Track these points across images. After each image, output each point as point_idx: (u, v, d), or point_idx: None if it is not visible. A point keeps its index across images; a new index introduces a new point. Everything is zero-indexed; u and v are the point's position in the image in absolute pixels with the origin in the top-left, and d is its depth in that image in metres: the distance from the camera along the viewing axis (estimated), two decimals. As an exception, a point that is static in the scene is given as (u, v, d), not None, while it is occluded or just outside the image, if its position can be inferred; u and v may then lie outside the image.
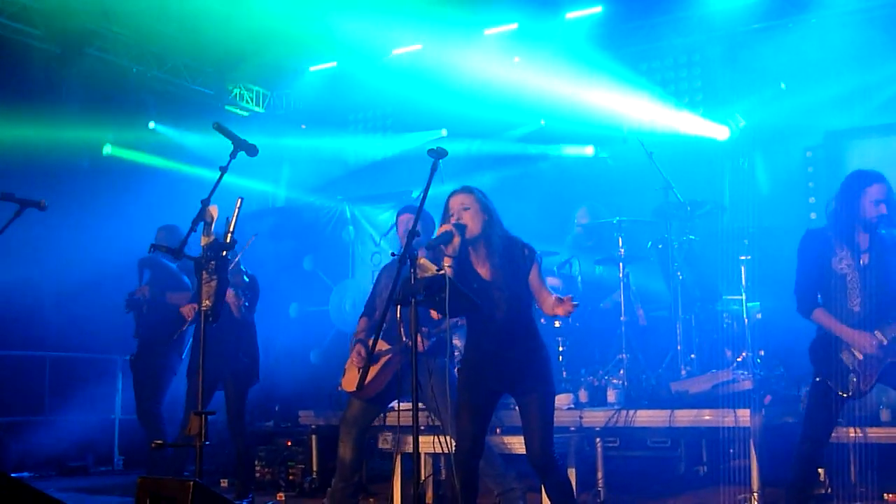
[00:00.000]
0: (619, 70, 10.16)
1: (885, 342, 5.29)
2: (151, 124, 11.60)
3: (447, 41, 10.96)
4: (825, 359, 5.39)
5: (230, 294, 6.89)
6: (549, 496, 5.05)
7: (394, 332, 5.95)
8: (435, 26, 10.67)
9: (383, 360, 6.25)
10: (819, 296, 5.46)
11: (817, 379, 5.41)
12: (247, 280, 7.12)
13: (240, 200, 4.74)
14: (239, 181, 10.10)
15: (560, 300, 4.75)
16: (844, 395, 5.31)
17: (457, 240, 4.82)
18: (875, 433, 6.33)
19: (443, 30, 10.80)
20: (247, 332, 7.21)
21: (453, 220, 4.89)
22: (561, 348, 7.78)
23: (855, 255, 5.40)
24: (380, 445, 7.22)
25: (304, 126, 12.88)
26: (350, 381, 6.36)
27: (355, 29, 10.73)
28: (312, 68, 12.38)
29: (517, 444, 6.75)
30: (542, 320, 7.18)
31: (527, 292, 4.93)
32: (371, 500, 7.28)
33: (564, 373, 7.70)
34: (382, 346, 6.24)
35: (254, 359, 7.27)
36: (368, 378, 6.20)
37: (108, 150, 11.17)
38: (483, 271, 4.94)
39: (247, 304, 7.03)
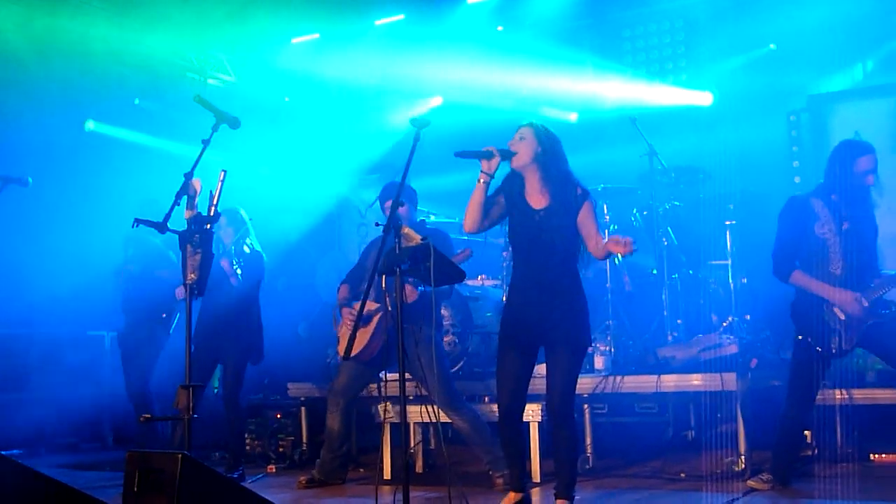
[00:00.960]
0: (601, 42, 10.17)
1: (866, 304, 5.38)
2: (136, 101, 11.49)
3: (429, 12, 10.93)
4: (807, 318, 5.50)
5: (223, 262, 6.88)
6: (557, 449, 5.07)
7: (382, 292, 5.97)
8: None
9: (374, 319, 6.27)
10: (797, 261, 5.56)
11: (799, 337, 5.50)
12: (247, 252, 7.08)
13: (223, 173, 4.72)
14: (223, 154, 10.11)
15: (617, 240, 4.70)
16: (826, 353, 5.40)
17: (495, 160, 4.94)
18: (861, 395, 6.39)
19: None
20: (246, 308, 7.16)
21: (508, 144, 5.01)
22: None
23: (837, 220, 5.50)
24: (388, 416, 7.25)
25: (287, 98, 12.80)
26: (353, 348, 6.35)
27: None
28: (295, 40, 12.30)
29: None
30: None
31: (575, 231, 4.97)
32: (361, 470, 7.32)
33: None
34: (372, 306, 6.24)
35: (256, 336, 7.21)
36: (362, 342, 6.24)
37: (90, 125, 11.07)
38: (534, 201, 5.01)
39: (241, 273, 6.97)
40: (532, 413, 6.37)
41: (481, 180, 4.95)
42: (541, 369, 5.24)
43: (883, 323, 5.41)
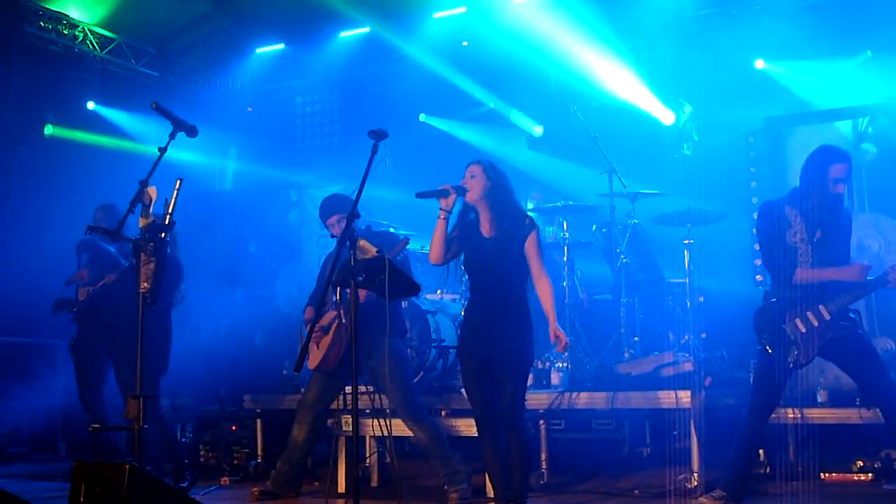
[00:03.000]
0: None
1: (827, 317, 5.42)
2: (91, 104, 11.42)
3: (395, 24, 10.97)
4: (769, 328, 5.54)
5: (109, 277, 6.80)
6: (510, 456, 5.28)
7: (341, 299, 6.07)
8: (383, 9, 10.69)
9: (333, 327, 6.21)
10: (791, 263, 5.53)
11: (758, 347, 5.55)
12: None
13: (179, 181, 4.68)
14: (189, 160, 10.06)
15: (559, 336, 5.35)
16: (783, 364, 5.45)
17: (452, 198, 5.30)
18: (813, 414, 6.44)
19: (390, 13, 10.82)
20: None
21: (461, 182, 5.37)
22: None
23: (809, 229, 5.51)
24: (343, 428, 7.22)
25: (250, 109, 12.77)
26: (313, 359, 6.34)
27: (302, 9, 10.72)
28: (259, 50, 12.30)
29: (463, 427, 6.78)
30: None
31: (521, 257, 5.32)
32: (315, 483, 7.26)
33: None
34: (331, 314, 6.22)
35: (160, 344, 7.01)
36: (321, 352, 6.22)
37: (49, 130, 10.97)
38: (485, 230, 5.38)
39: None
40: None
41: (441, 216, 5.32)
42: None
43: (844, 336, 5.43)
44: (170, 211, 4.60)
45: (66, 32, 11.21)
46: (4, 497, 4.25)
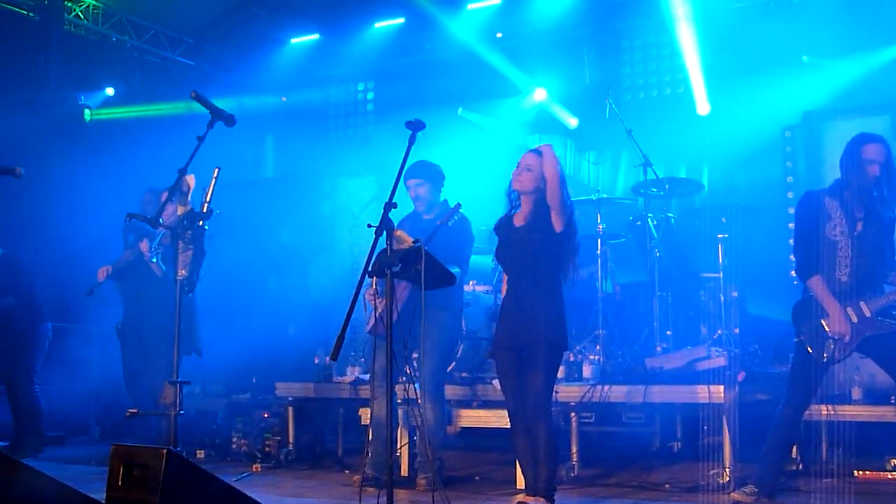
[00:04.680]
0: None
1: (868, 314, 5.33)
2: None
3: (430, 15, 10.98)
4: (806, 321, 5.45)
5: (143, 244, 6.84)
6: (535, 448, 5.26)
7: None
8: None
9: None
10: (817, 262, 5.43)
11: (796, 340, 5.49)
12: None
13: (217, 170, 4.72)
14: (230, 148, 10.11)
15: None
16: (818, 358, 5.38)
17: None
18: (847, 411, 6.39)
19: (425, 3, 10.83)
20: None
21: (514, 175, 5.38)
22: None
23: (850, 222, 5.40)
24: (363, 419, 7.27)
25: (284, 98, 12.83)
26: (371, 322, 6.28)
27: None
28: (294, 40, 12.34)
29: (494, 419, 6.80)
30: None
31: (552, 247, 5.29)
32: (346, 472, 7.30)
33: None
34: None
35: (189, 327, 6.98)
36: (379, 311, 6.08)
37: (88, 116, 11.08)
38: (518, 221, 5.41)
39: (155, 260, 6.86)
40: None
41: None
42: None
43: (884, 334, 5.32)
44: (208, 199, 4.64)
45: (103, 20, 11.31)
46: (42, 479, 4.31)
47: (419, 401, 6.09)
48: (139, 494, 3.89)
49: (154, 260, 6.89)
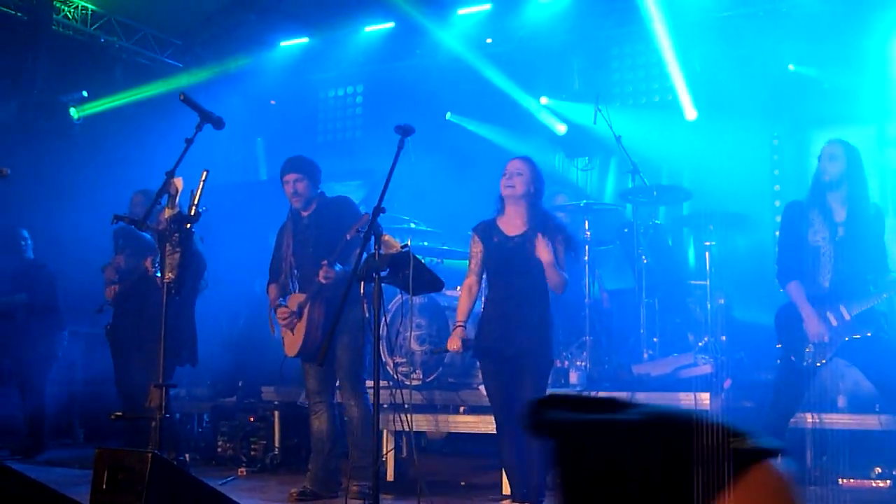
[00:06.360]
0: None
1: (847, 318, 5.37)
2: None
3: (420, 20, 10.98)
4: (787, 327, 5.52)
5: (148, 262, 6.85)
6: (528, 456, 5.31)
7: (308, 283, 6.02)
8: (407, 4, 10.70)
9: (306, 312, 6.08)
10: (796, 270, 5.53)
11: (778, 346, 5.54)
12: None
13: (205, 173, 4.70)
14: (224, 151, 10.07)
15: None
16: (798, 365, 5.43)
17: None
18: (832, 419, 6.41)
19: (415, 8, 10.82)
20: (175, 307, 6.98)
21: (505, 181, 5.39)
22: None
23: (831, 227, 5.47)
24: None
25: (273, 102, 12.82)
26: (290, 346, 6.24)
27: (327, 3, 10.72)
28: (283, 43, 12.33)
29: (481, 424, 6.80)
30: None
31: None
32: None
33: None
34: (300, 297, 6.12)
35: (186, 336, 7.02)
36: (299, 336, 6.10)
37: (75, 113, 11.03)
38: (508, 229, 5.42)
39: (158, 273, 6.87)
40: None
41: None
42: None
43: (865, 339, 5.37)
44: (195, 202, 4.63)
45: (92, 21, 11.29)
46: (24, 482, 4.28)
47: (341, 400, 6.10)
48: (124, 498, 3.88)
49: (158, 274, 6.88)
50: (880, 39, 9.07)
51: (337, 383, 6.23)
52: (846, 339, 5.40)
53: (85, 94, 10.92)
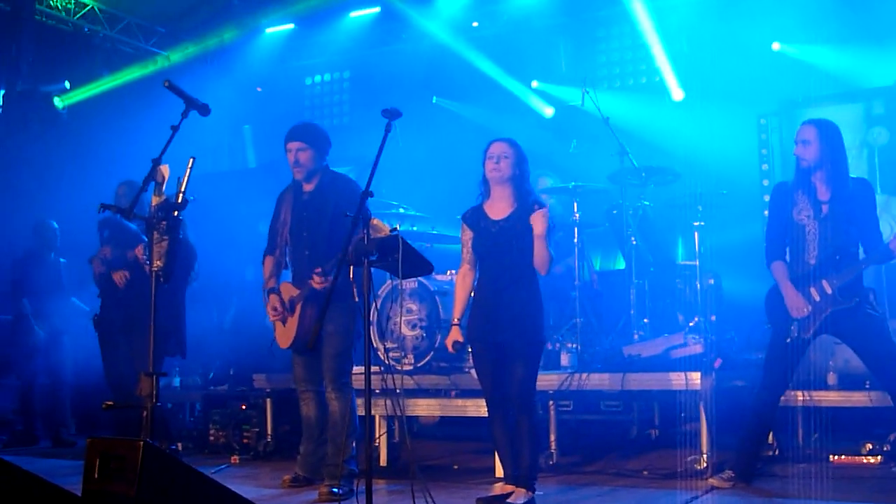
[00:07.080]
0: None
1: (829, 291, 5.43)
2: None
3: (405, 4, 10.95)
4: (774, 306, 5.59)
5: (139, 249, 6.82)
6: (519, 439, 5.31)
7: (302, 274, 5.98)
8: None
9: (297, 307, 6.02)
10: (783, 250, 5.63)
11: (766, 326, 5.59)
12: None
13: (192, 160, 4.67)
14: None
15: None
16: (783, 340, 5.48)
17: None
18: (822, 397, 6.44)
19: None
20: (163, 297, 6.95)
21: (492, 164, 5.38)
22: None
23: (815, 205, 5.52)
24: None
25: (259, 89, 12.76)
26: (281, 337, 6.17)
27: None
28: (269, 30, 12.27)
29: (472, 407, 6.80)
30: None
31: (531, 239, 5.29)
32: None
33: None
34: (292, 291, 6.06)
35: (173, 326, 7.00)
36: (291, 329, 6.05)
37: (59, 103, 10.98)
38: (494, 213, 5.43)
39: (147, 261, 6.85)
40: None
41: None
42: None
43: (847, 310, 5.43)
44: (182, 189, 4.60)
45: (75, 10, 11.22)
46: (16, 472, 4.26)
47: (327, 392, 6.02)
48: (116, 487, 3.85)
49: (149, 263, 6.84)
50: (864, 17, 9.08)
51: None
52: (829, 310, 5.45)
53: (67, 84, 10.87)
